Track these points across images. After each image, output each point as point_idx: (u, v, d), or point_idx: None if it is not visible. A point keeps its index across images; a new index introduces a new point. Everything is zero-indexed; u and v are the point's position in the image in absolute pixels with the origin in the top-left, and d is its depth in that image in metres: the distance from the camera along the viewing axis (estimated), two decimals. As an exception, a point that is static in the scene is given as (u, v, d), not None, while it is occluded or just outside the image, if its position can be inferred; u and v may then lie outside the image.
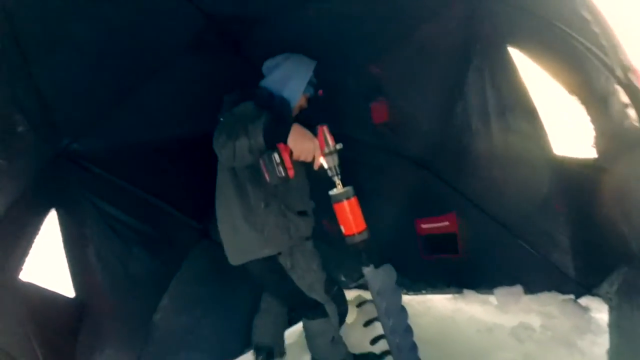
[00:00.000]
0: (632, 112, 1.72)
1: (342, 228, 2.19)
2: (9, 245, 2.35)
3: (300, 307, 2.68)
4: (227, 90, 2.56)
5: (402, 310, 2.40)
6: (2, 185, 2.25)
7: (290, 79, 2.55)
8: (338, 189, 2.16)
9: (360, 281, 2.39)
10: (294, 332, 3.39)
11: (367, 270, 2.29)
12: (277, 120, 2.06)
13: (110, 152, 2.83)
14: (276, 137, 2.01)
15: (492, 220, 3.09)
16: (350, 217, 2.16)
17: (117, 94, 2.67)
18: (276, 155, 2.00)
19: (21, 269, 2.40)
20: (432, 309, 3.41)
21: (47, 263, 2.60)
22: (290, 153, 2.05)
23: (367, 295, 2.87)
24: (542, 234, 2.92)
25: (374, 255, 2.31)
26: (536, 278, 3.01)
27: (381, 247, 3.16)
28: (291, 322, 3.34)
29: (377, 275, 2.30)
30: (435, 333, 2.96)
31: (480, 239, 3.20)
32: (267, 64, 2.66)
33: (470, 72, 2.75)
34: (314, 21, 2.78)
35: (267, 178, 2.06)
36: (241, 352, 3.37)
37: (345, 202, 2.14)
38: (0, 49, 2.05)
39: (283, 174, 2.01)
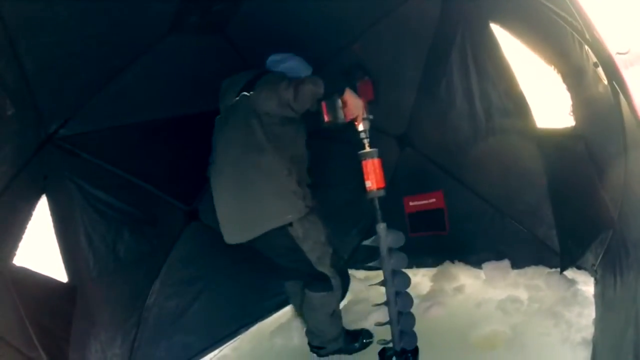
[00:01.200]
0: (600, 72, 1.75)
1: (368, 183, 2.46)
2: (2, 230, 2.36)
3: (307, 279, 2.73)
4: (213, 73, 2.66)
5: (405, 275, 2.51)
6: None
7: (298, 73, 2.72)
8: (367, 149, 2.47)
9: (366, 242, 2.47)
10: (286, 312, 3.47)
11: (381, 227, 2.46)
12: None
13: (96, 136, 2.82)
14: (335, 88, 2.41)
15: (478, 196, 3.14)
16: (375, 174, 2.46)
17: (102, 77, 2.67)
18: (339, 100, 2.38)
19: (15, 254, 2.41)
20: (421, 283, 3.44)
21: (40, 248, 2.62)
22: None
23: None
24: (527, 208, 2.97)
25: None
26: (523, 252, 3.06)
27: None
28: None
29: (389, 232, 2.46)
30: (422, 307, 3.00)
31: (466, 216, 3.25)
32: (273, 58, 2.84)
33: (453, 49, 2.79)
34: (296, 2, 2.81)
35: (326, 118, 2.42)
36: (235, 334, 3.43)
37: (373, 160, 2.45)
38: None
39: (342, 115, 2.41)
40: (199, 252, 3.29)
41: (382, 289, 2.47)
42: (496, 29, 2.57)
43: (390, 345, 2.44)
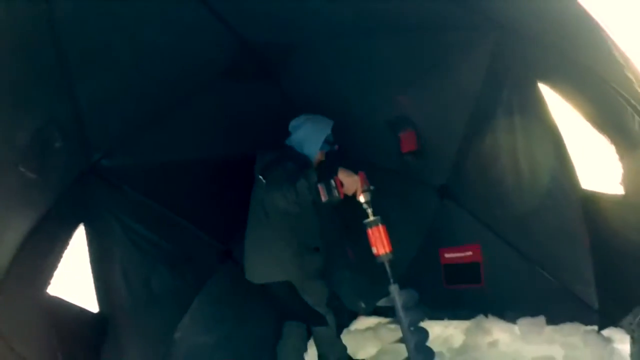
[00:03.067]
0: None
1: (375, 249, 2.59)
2: (39, 258, 2.39)
3: (307, 318, 3.19)
4: (261, 118, 2.90)
5: (423, 330, 2.60)
6: (34, 199, 2.30)
7: (309, 141, 3.04)
8: (371, 218, 2.60)
9: (380, 303, 2.59)
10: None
11: (393, 287, 2.56)
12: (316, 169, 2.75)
13: (139, 169, 2.89)
14: (327, 173, 2.64)
15: (516, 251, 3.10)
16: (381, 240, 2.58)
17: (150, 114, 2.75)
18: (332, 181, 2.59)
19: (49, 283, 2.43)
20: (454, 336, 3.38)
21: (74, 277, 2.64)
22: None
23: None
24: (566, 266, 2.92)
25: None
26: (559, 309, 3.00)
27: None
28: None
29: (402, 292, 2.56)
30: None
31: (503, 270, 3.20)
32: (292, 124, 3.10)
33: (499, 105, 2.78)
34: (348, 53, 2.89)
35: (323, 198, 2.59)
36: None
37: (377, 227, 2.59)
38: (46, 64, 2.09)
39: (337, 194, 2.58)
40: (231, 291, 3.33)
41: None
42: (544, 89, 2.56)
43: None
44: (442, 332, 3.48)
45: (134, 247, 2.88)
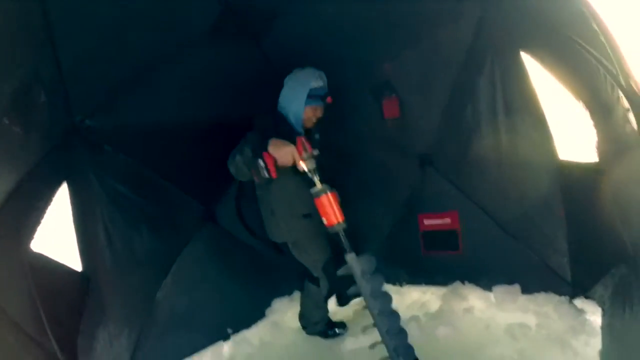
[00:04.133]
0: (631, 117, 1.78)
1: (324, 220, 2.55)
2: (22, 215, 2.40)
3: (307, 273, 3.28)
4: (247, 82, 2.89)
5: (386, 294, 2.56)
6: (17, 155, 2.30)
7: (292, 99, 2.97)
8: (317, 187, 2.53)
9: (340, 272, 2.60)
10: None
11: (350, 257, 2.51)
12: (261, 139, 2.62)
13: (122, 130, 2.87)
14: (259, 149, 2.56)
15: (493, 220, 3.17)
16: (330, 210, 2.53)
17: (133, 75, 2.73)
18: (260, 161, 2.50)
19: (32, 239, 2.45)
20: (431, 301, 3.47)
21: (57, 235, 2.66)
22: (275, 161, 2.54)
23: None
24: (542, 237, 2.99)
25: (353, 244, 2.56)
26: (533, 279, 3.08)
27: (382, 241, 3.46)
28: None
29: (359, 260, 2.51)
30: (431, 326, 3.05)
31: (480, 238, 3.27)
32: (285, 80, 3.03)
33: (481, 75, 2.82)
34: (331, 18, 2.89)
35: (256, 179, 2.56)
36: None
37: (324, 197, 2.52)
38: (28, 21, 2.08)
39: (267, 175, 2.51)
40: (213, 252, 3.37)
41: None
42: (526, 57, 2.58)
43: None
44: (419, 298, 3.58)
45: (116, 208, 2.88)
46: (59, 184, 2.65)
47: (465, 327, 3.03)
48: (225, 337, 3.38)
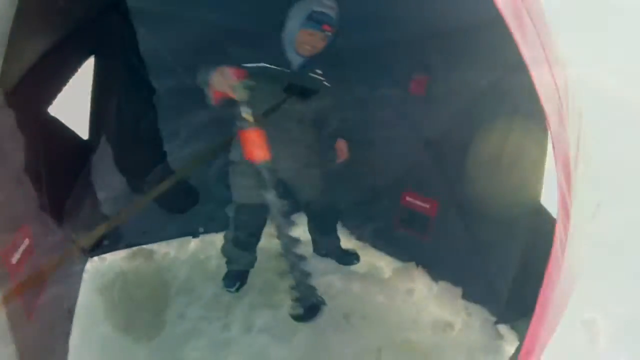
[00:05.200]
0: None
1: (249, 155, 2.55)
2: (49, 77, 2.50)
3: None
4: None
5: (297, 239, 2.82)
6: (57, 24, 2.37)
7: (290, 19, 2.88)
8: (246, 118, 2.50)
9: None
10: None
11: (270, 195, 2.62)
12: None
13: (160, 17, 2.96)
14: (206, 76, 2.68)
15: (466, 224, 3.26)
16: (255, 145, 2.53)
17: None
18: (206, 88, 2.69)
19: (51, 103, 2.58)
20: (382, 269, 3.71)
21: (74, 105, 2.79)
22: None
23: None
24: (499, 257, 3.05)
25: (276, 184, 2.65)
26: (476, 289, 3.21)
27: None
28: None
29: (280, 201, 2.66)
30: (368, 289, 3.32)
31: (448, 234, 3.38)
32: None
33: (505, 78, 2.74)
34: None
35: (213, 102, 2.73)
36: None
37: (251, 131, 2.50)
38: None
39: (210, 99, 2.72)
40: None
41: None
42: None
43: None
44: (374, 262, 3.80)
45: (134, 90, 3.01)
46: (87, 56, 2.72)
47: (397, 304, 3.25)
48: (195, 235, 3.69)
